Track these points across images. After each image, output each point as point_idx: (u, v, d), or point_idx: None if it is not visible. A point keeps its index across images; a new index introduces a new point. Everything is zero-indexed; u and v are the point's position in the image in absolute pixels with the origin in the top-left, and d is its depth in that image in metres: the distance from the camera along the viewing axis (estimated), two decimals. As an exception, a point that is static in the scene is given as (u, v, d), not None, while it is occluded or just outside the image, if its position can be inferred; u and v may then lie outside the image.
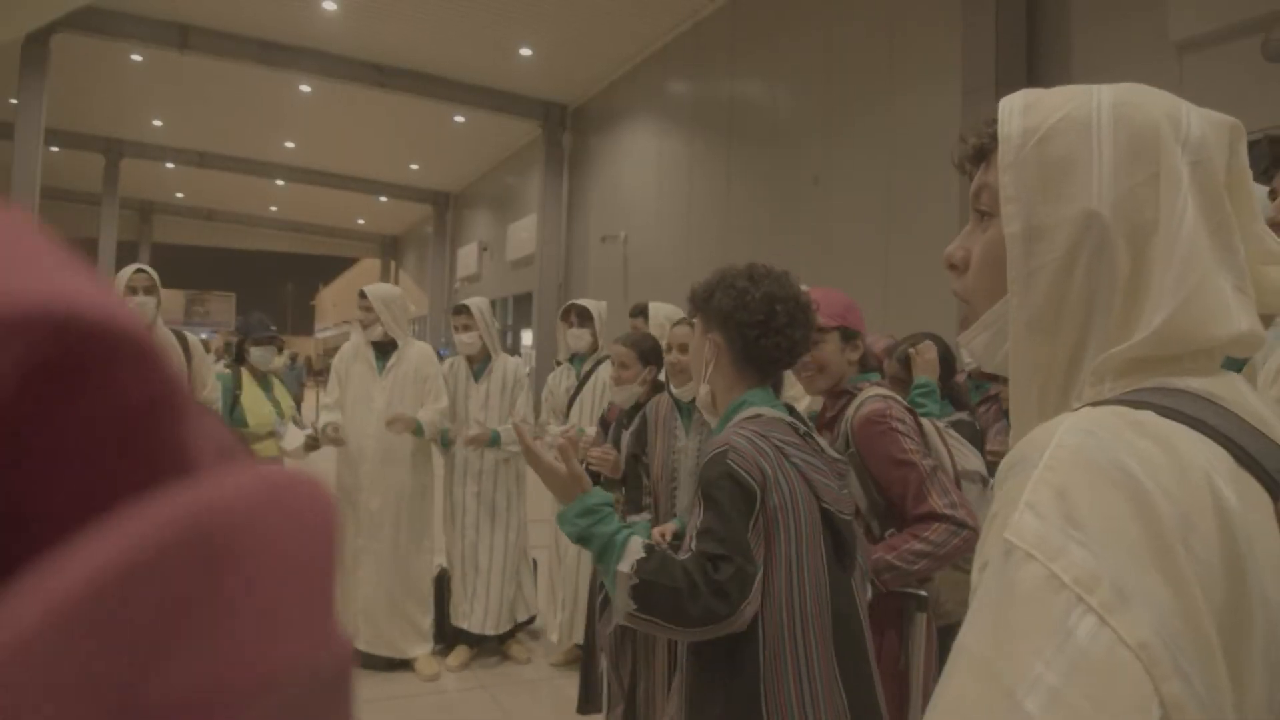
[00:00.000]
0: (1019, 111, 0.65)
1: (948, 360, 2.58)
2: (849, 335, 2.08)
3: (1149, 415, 0.53)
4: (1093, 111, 0.62)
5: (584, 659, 3.03)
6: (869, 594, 1.58)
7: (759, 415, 1.48)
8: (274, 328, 4.30)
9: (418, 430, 3.78)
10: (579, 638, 3.48)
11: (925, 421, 2.09)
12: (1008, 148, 0.64)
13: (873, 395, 2.00)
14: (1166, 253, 0.58)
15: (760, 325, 1.50)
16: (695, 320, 1.62)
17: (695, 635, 1.30)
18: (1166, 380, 0.57)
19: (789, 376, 2.00)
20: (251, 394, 4.09)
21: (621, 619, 1.30)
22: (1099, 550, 0.47)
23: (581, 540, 1.36)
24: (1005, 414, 3.34)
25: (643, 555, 1.29)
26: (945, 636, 2.09)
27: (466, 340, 4.01)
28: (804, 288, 1.65)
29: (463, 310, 4.02)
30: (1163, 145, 0.60)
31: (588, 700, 2.98)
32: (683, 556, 1.31)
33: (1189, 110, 0.62)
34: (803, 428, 1.52)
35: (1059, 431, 0.53)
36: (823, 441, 1.58)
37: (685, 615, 1.25)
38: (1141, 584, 0.46)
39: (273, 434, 4.00)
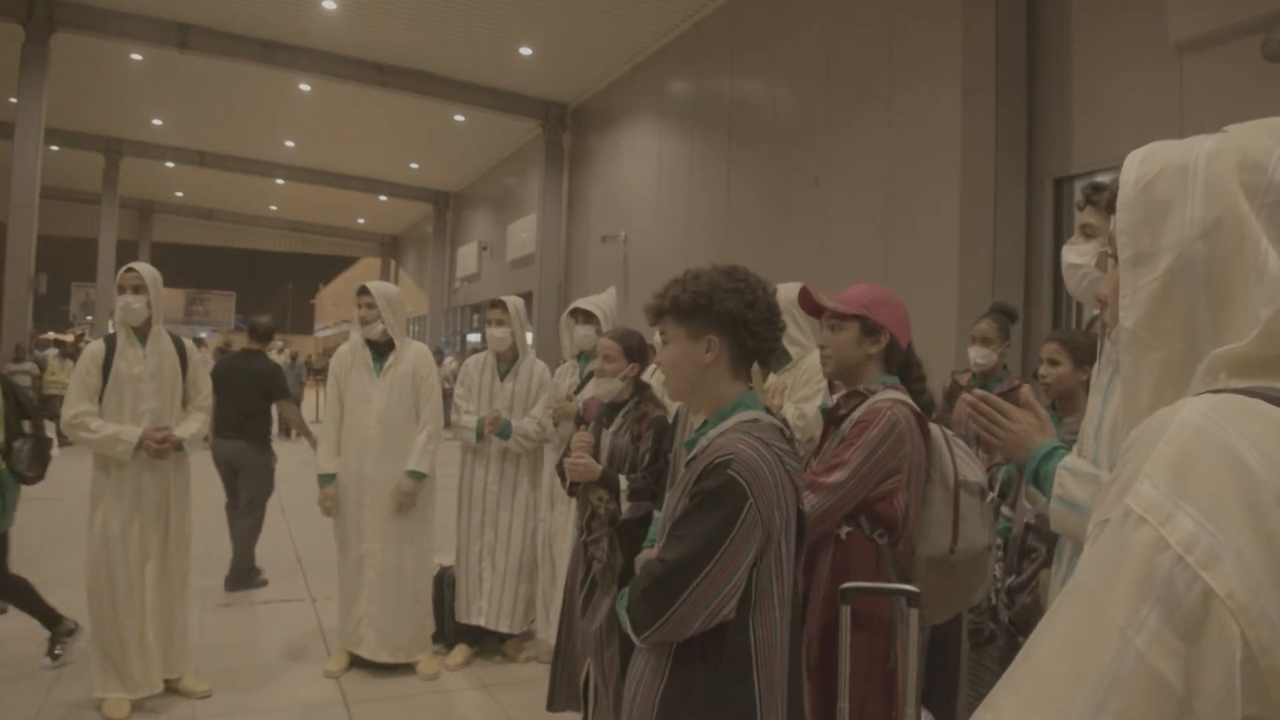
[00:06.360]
0: (1138, 162, 0.78)
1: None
2: (870, 329, 2.04)
3: (1260, 403, 0.63)
4: (1192, 159, 0.74)
5: (555, 658, 3.02)
6: None
7: (756, 420, 1.51)
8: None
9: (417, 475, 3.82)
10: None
11: (935, 429, 2.06)
12: (1124, 192, 0.78)
13: (884, 399, 1.97)
14: (1257, 273, 0.68)
15: (765, 323, 1.57)
16: (665, 328, 1.61)
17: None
18: (1273, 382, 0.66)
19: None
20: None
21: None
22: (1200, 518, 0.57)
23: None
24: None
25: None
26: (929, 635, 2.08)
27: (499, 335, 3.99)
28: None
29: (498, 304, 4.00)
30: (1233, 191, 0.71)
31: (555, 698, 2.98)
32: (654, 554, 1.49)
33: None
34: (788, 432, 1.61)
35: (1181, 412, 0.64)
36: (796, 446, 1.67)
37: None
38: (1234, 546, 0.56)
39: None
